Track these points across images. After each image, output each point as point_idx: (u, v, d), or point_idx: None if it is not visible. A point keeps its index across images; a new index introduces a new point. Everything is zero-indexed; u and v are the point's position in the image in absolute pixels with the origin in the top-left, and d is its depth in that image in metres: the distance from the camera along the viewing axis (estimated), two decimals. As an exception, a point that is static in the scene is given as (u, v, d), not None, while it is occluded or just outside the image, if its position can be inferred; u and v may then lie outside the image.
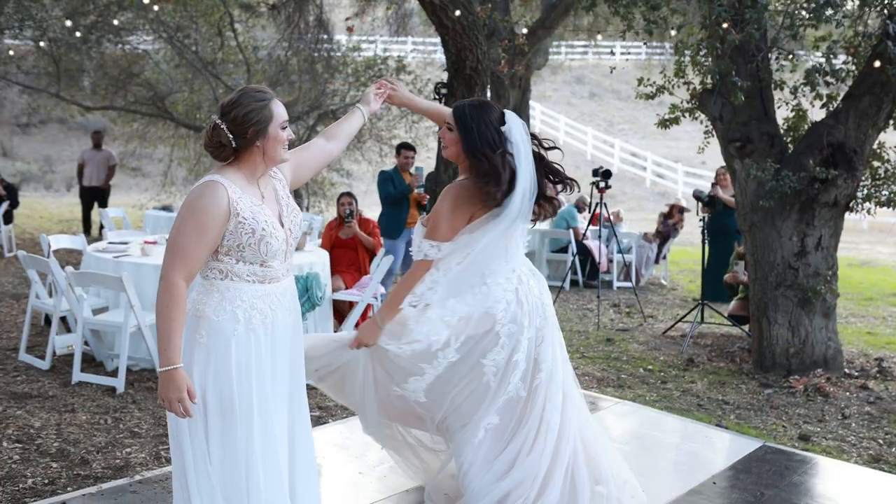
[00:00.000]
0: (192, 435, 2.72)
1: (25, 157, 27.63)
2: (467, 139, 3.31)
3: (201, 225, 2.64)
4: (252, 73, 13.80)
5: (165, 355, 2.60)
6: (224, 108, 2.73)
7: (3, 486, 4.02)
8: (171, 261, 2.64)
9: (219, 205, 2.66)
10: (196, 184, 2.72)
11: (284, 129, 2.78)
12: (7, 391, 5.41)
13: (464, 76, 8.22)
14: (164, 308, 2.62)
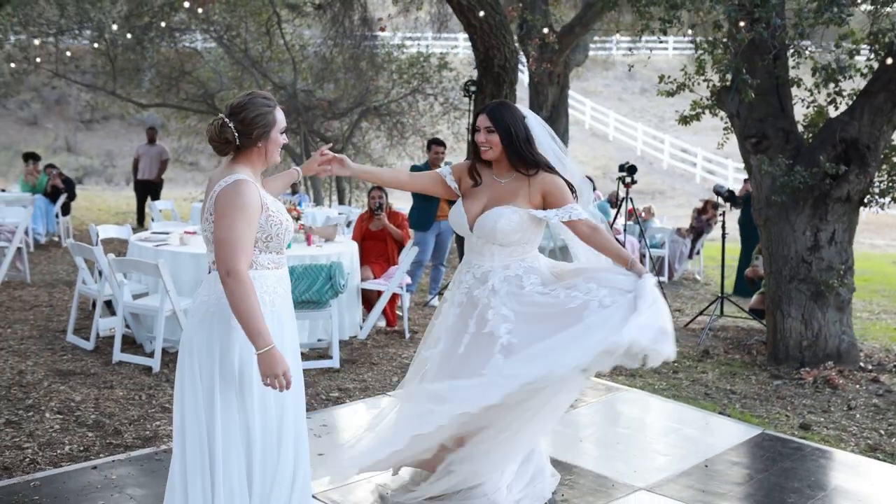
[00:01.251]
0: (225, 419, 2.96)
1: (88, 152, 28.71)
2: (509, 139, 3.60)
3: (249, 218, 2.89)
4: (298, 70, 14.23)
5: (261, 339, 2.82)
6: (233, 108, 2.97)
7: (42, 451, 4.42)
8: (233, 255, 2.84)
9: (255, 200, 2.92)
10: (226, 182, 2.92)
11: (283, 134, 3.07)
12: (53, 368, 5.86)
13: (492, 74, 8.46)
14: (244, 298, 2.82)
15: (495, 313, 3.62)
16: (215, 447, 2.98)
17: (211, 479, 2.97)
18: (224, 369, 2.97)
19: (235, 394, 2.96)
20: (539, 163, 3.64)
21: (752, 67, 6.50)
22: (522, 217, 3.60)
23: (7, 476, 4.07)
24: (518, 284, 3.64)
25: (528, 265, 3.69)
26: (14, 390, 5.35)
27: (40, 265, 10.24)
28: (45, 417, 4.90)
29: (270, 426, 3.06)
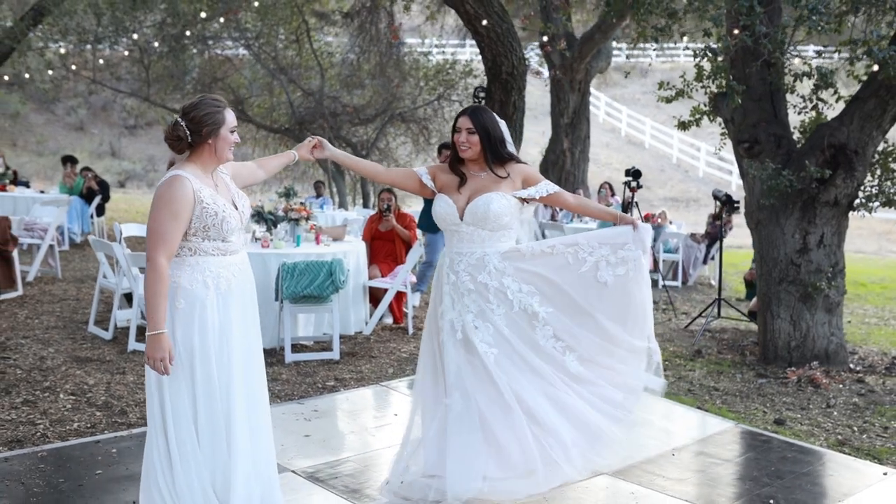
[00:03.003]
0: (172, 392, 3.28)
1: (131, 157, 29.58)
2: (488, 139, 3.93)
3: (175, 212, 3.19)
4: (326, 78, 14.64)
5: (153, 322, 3.17)
6: (185, 109, 3.30)
7: (53, 426, 4.79)
8: (154, 245, 3.17)
9: (186, 194, 3.22)
10: (164, 179, 3.25)
11: (233, 132, 3.35)
12: (72, 355, 6.26)
13: (500, 81, 8.73)
14: (152, 284, 3.18)
15: (515, 292, 3.93)
16: (167, 417, 3.31)
17: (167, 447, 3.30)
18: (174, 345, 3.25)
19: (181, 369, 3.27)
20: (514, 156, 4.01)
21: (745, 74, 6.69)
22: (510, 201, 3.91)
23: (19, 447, 4.45)
24: (517, 254, 3.95)
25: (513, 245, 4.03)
26: (34, 373, 5.76)
27: (73, 262, 10.75)
28: (59, 398, 5.29)
29: (215, 406, 3.33)
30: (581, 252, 3.95)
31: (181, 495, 3.32)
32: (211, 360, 3.33)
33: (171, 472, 3.32)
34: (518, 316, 3.93)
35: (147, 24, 13.21)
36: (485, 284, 3.92)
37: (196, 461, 3.31)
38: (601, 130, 33.66)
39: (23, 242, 9.34)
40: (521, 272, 3.94)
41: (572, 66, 13.22)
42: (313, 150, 3.95)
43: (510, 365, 3.91)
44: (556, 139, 14.80)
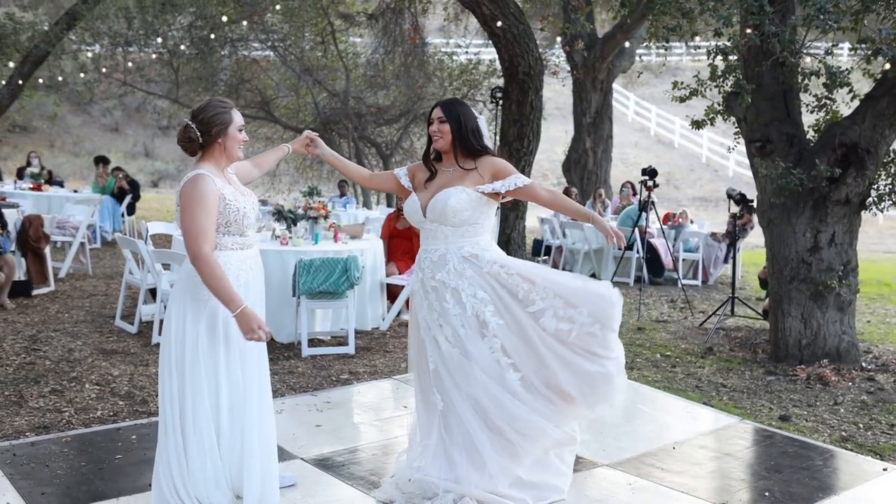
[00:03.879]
0: (195, 382, 3.46)
1: (164, 157, 30.09)
2: (459, 129, 3.91)
3: (207, 208, 3.38)
4: (351, 79, 14.85)
5: (233, 303, 3.33)
6: (194, 112, 3.51)
7: (78, 414, 5.02)
8: (195, 239, 3.34)
9: (213, 191, 3.42)
10: (185, 179, 3.43)
11: (241, 131, 3.55)
12: (99, 348, 6.51)
13: (517, 81, 8.85)
14: (210, 274, 3.32)
15: (469, 296, 3.86)
16: (185, 405, 3.48)
17: (184, 435, 3.48)
18: (188, 336, 3.45)
19: (205, 359, 3.46)
20: (486, 149, 3.96)
21: (757, 73, 6.75)
22: (471, 196, 3.83)
23: (45, 433, 4.68)
24: (476, 262, 3.87)
25: (483, 246, 3.90)
26: (62, 364, 6.00)
27: (104, 259, 11.07)
28: (84, 388, 5.52)
29: (234, 396, 3.54)
30: (533, 293, 3.82)
31: (195, 482, 3.50)
32: (233, 350, 3.53)
33: (186, 459, 3.49)
34: (469, 321, 3.86)
35: (176, 27, 13.52)
36: (443, 283, 3.87)
37: (212, 450, 3.49)
38: (630, 130, 33.57)
39: (55, 240, 9.67)
40: (478, 277, 3.87)
41: (594, 66, 13.27)
42: (307, 146, 4.12)
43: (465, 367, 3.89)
44: (578, 138, 14.87)
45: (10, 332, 6.83)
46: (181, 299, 3.49)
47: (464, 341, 3.85)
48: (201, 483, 3.51)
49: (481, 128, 4.00)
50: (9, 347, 6.36)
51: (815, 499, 4.18)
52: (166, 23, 13.17)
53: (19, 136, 28.35)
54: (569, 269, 12.10)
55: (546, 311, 3.83)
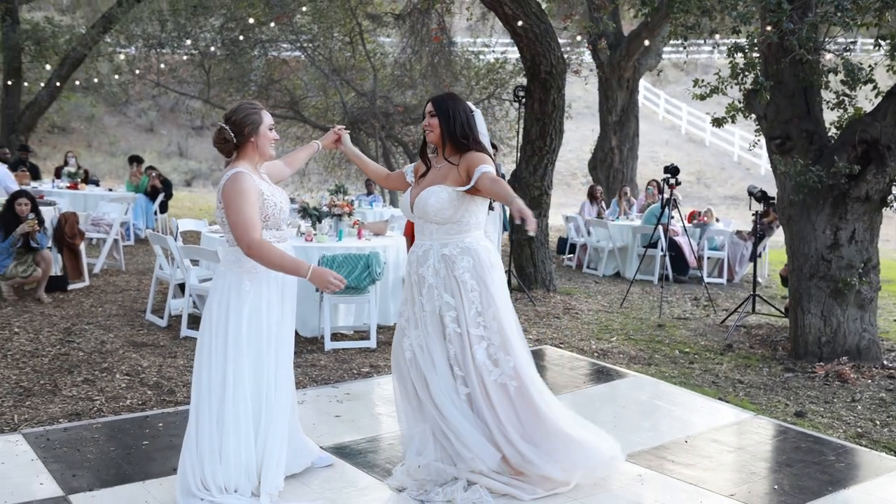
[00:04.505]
0: (236, 367, 3.65)
1: (197, 157, 30.56)
2: (447, 123, 3.96)
3: (250, 202, 3.59)
4: (378, 78, 15.02)
5: (301, 268, 3.57)
6: (227, 115, 3.74)
7: (108, 403, 5.21)
8: (245, 230, 3.55)
9: (252, 186, 3.64)
10: (225, 177, 3.63)
11: (271, 130, 3.75)
12: (130, 340, 6.72)
13: (539, 80, 8.94)
14: (269, 257, 3.56)
15: (439, 295, 3.95)
16: (227, 390, 3.66)
17: (220, 419, 3.66)
18: (231, 325, 3.65)
19: (247, 346, 3.65)
20: (476, 144, 3.92)
21: (778, 70, 6.78)
22: (451, 195, 3.85)
23: (77, 419, 4.88)
24: (451, 266, 3.91)
25: (465, 246, 3.93)
26: (94, 356, 6.22)
27: (137, 256, 11.34)
28: (115, 378, 5.72)
29: (271, 383, 3.74)
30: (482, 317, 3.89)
31: (227, 470, 3.67)
32: (272, 338, 3.74)
33: (220, 446, 3.65)
34: (435, 321, 3.95)
35: (207, 28, 13.80)
36: (423, 278, 3.96)
37: (248, 438, 3.68)
38: (661, 128, 33.41)
39: (90, 237, 9.94)
40: (449, 279, 3.92)
41: (619, 65, 13.29)
42: (335, 142, 4.30)
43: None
44: (604, 137, 14.90)
45: (46, 324, 7.07)
46: (223, 291, 3.69)
47: (430, 340, 3.96)
48: (233, 471, 3.68)
49: (476, 123, 4.00)
50: (45, 339, 6.60)
51: (825, 492, 4.23)
52: (198, 25, 13.45)
53: (58, 137, 28.99)
54: (593, 266, 12.16)
55: (483, 339, 3.91)
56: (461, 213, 3.92)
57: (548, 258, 10.01)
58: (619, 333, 7.78)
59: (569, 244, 12.92)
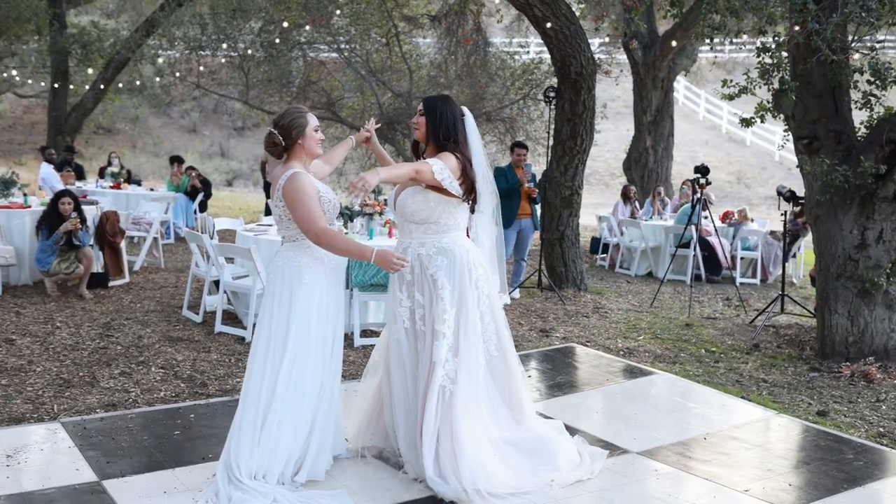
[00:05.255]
0: (297, 356, 3.86)
1: (239, 157, 31.05)
2: (433, 123, 4.06)
3: (311, 196, 3.81)
4: (414, 80, 15.18)
5: (366, 252, 3.78)
6: (275, 120, 3.98)
7: (143, 395, 5.42)
8: (312, 222, 3.76)
9: (310, 183, 3.87)
10: (286, 177, 3.83)
11: (317, 131, 3.98)
12: (166, 335, 6.95)
13: (569, 80, 9.00)
14: (336, 244, 3.78)
15: (408, 297, 4.07)
16: (279, 378, 3.87)
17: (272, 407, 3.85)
18: (293, 316, 3.87)
19: (303, 337, 3.87)
20: (455, 143, 3.98)
21: (806, 70, 6.77)
22: (427, 196, 3.96)
23: (113, 410, 5.09)
24: (425, 265, 4.02)
25: (441, 246, 4.01)
26: (131, 350, 6.45)
27: (176, 254, 11.64)
28: (150, 371, 5.94)
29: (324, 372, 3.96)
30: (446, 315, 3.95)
31: (275, 459, 3.87)
32: (329, 329, 3.97)
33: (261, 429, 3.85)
34: (409, 317, 4.07)
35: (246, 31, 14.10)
36: (402, 275, 4.07)
37: (303, 422, 3.90)
38: (701, 128, 33.10)
39: (131, 235, 10.25)
40: (421, 278, 4.02)
41: (654, 65, 13.26)
42: (367, 140, 4.50)
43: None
44: (638, 137, 14.88)
45: (86, 319, 7.34)
46: (282, 285, 3.90)
47: (402, 335, 4.09)
48: (283, 459, 3.89)
49: (463, 127, 4.06)
50: (85, 333, 6.85)
51: (840, 490, 4.26)
52: (237, 28, 13.75)
53: (104, 138, 29.68)
54: (626, 266, 12.17)
55: (444, 337, 3.96)
56: (438, 214, 4.02)
57: (578, 257, 10.06)
58: (646, 332, 7.82)
59: (601, 244, 12.95)
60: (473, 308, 4.03)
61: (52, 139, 17.20)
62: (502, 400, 4.19)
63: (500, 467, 3.96)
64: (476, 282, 4.04)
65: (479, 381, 4.05)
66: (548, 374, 6.26)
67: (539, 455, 4.16)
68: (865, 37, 6.52)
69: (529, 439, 4.21)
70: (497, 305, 4.18)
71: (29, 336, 6.68)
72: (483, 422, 4.04)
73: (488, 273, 4.15)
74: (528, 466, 4.07)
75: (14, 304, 7.77)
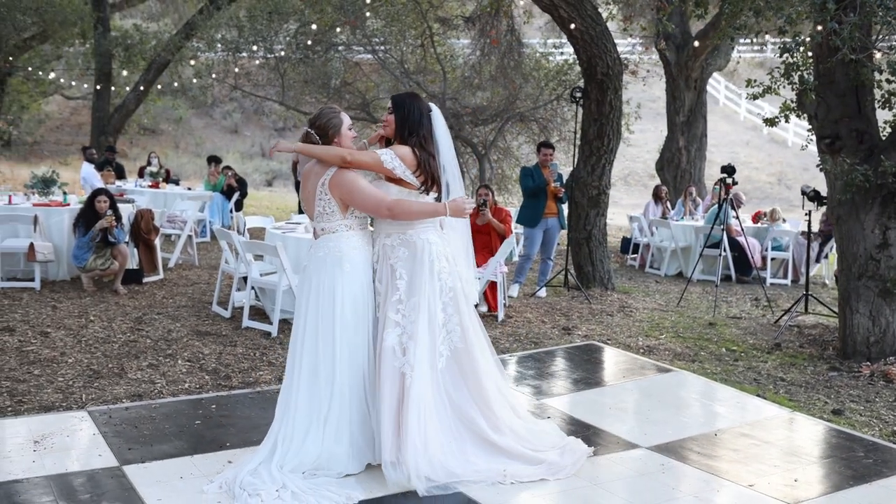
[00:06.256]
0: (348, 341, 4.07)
1: (278, 158, 31.38)
2: (400, 120, 4.21)
3: (364, 180, 4.10)
4: (448, 80, 15.30)
5: (440, 208, 4.09)
6: (311, 121, 4.17)
7: (168, 386, 5.62)
8: (380, 203, 4.04)
9: (356, 174, 4.10)
10: (328, 174, 4.06)
11: (350, 129, 4.19)
12: (194, 329, 7.16)
13: (596, 81, 9.04)
14: (412, 208, 4.05)
15: (376, 281, 4.23)
16: (336, 362, 4.07)
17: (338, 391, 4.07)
18: (337, 306, 4.07)
19: (353, 322, 4.09)
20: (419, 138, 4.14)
21: (829, 70, 6.74)
22: (389, 189, 4.14)
23: (138, 400, 5.29)
24: (387, 255, 4.18)
25: (405, 238, 4.15)
26: (160, 343, 6.67)
27: (211, 252, 11.91)
28: (177, 363, 6.14)
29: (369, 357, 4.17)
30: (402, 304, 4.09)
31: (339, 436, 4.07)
32: (368, 316, 4.18)
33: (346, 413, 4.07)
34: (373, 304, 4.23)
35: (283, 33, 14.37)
36: (373, 265, 4.25)
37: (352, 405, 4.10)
38: (742, 128, 32.71)
39: (167, 233, 10.53)
40: (385, 267, 4.18)
41: (686, 65, 13.20)
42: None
43: None
44: (671, 137, 14.81)
45: (119, 313, 7.59)
46: (325, 276, 4.09)
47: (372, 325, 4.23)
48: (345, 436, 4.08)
49: (430, 122, 4.21)
50: (117, 327, 7.10)
51: (845, 486, 4.27)
52: (273, 30, 14.02)
53: (148, 138, 30.32)
54: (656, 266, 12.15)
55: (398, 326, 4.09)
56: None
57: (606, 257, 10.09)
58: (668, 331, 7.83)
59: (632, 244, 12.93)
60: (434, 300, 4.12)
61: (95, 140, 17.68)
62: (468, 390, 4.27)
63: (451, 456, 4.07)
64: (438, 273, 4.14)
65: (438, 370, 4.15)
66: (565, 371, 6.33)
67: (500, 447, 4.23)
68: (888, 36, 6.46)
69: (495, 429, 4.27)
70: (462, 298, 4.24)
71: (63, 329, 6.94)
72: (438, 409, 4.13)
73: (456, 267, 4.24)
74: (486, 457, 4.17)
75: (51, 299, 8.06)
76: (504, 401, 4.40)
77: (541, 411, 5.28)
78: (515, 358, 6.63)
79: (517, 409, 4.54)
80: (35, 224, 8.50)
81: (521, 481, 4.10)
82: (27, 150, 27.33)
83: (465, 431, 4.21)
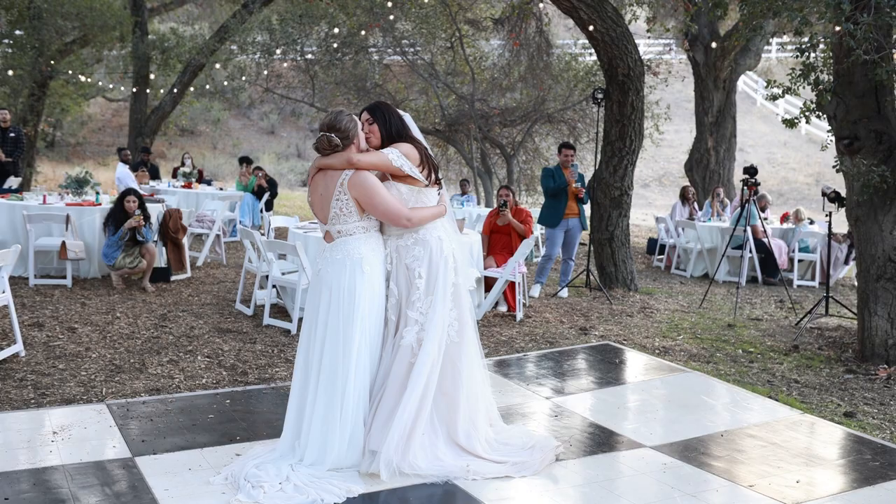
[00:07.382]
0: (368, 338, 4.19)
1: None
2: (385, 127, 4.30)
3: (383, 188, 4.16)
4: (477, 82, 15.38)
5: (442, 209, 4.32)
6: (331, 125, 4.17)
7: (186, 381, 5.78)
8: (399, 209, 4.16)
9: (376, 179, 4.19)
10: (346, 175, 4.12)
11: (362, 130, 4.26)
12: (216, 326, 7.33)
13: (617, 82, 9.05)
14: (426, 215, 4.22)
15: (392, 283, 4.29)
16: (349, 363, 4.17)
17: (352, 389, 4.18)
18: (357, 303, 4.17)
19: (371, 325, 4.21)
20: (410, 138, 4.27)
21: (848, 70, 6.69)
22: (399, 189, 4.24)
23: (156, 394, 5.45)
24: (402, 256, 4.27)
25: (418, 237, 4.26)
26: (182, 339, 6.84)
27: (240, 251, 12.12)
28: (196, 359, 6.30)
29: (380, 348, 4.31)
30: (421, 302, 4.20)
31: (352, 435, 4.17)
32: (382, 317, 4.29)
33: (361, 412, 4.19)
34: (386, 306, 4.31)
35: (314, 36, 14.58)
36: (385, 267, 4.33)
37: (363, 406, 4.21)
38: (780, 129, 32.24)
39: (196, 232, 10.75)
40: (400, 268, 4.26)
41: (715, 65, 13.10)
42: None
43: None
44: (700, 138, 14.71)
45: (145, 310, 7.80)
46: (347, 275, 4.18)
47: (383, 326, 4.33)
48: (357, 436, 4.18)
49: (408, 124, 4.35)
50: (141, 323, 7.29)
51: (848, 488, 4.26)
52: (304, 33, 14.23)
53: (186, 140, 30.88)
54: (682, 267, 12.09)
55: (416, 323, 4.21)
56: (412, 205, 4.27)
57: (629, 258, 10.08)
58: (686, 332, 7.82)
59: (658, 245, 12.89)
60: (447, 296, 4.26)
61: (132, 141, 18.06)
62: (454, 386, 4.34)
63: (421, 450, 4.16)
64: (453, 269, 4.29)
65: (438, 365, 4.26)
66: (576, 371, 6.37)
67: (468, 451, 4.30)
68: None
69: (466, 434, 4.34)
70: (463, 293, 4.37)
71: (90, 325, 7.15)
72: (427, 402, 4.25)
73: (461, 262, 4.38)
74: (453, 455, 4.25)
75: (81, 296, 8.30)
76: (480, 405, 4.46)
77: (548, 410, 5.34)
78: (529, 357, 6.69)
79: (490, 414, 4.60)
80: (67, 223, 8.75)
81: (484, 478, 4.17)
82: (70, 150, 28.02)
83: (439, 426, 4.30)
